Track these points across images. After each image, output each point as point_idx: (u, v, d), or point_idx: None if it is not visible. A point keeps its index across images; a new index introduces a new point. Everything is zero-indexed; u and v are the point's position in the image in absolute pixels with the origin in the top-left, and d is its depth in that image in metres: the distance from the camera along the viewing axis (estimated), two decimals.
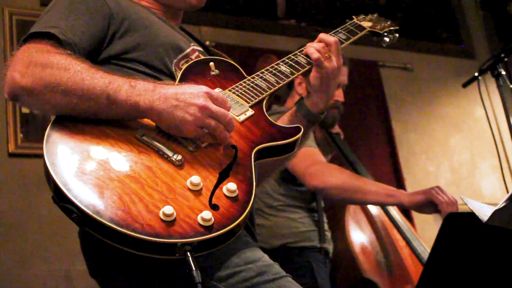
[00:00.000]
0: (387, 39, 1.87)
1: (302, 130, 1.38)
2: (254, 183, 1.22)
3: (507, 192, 2.02)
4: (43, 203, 2.83)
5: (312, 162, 2.43)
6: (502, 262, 1.50)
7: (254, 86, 1.45)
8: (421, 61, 4.51)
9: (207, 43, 3.30)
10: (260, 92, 1.43)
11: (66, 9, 1.38)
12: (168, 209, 1.09)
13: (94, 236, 1.09)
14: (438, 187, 2.31)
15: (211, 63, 1.46)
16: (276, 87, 1.46)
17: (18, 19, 3.21)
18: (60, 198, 1.09)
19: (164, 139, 1.22)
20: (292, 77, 1.50)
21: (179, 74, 1.40)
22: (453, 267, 1.54)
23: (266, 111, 1.42)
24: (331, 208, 2.76)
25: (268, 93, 1.44)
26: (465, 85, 2.85)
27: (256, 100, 1.41)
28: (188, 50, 1.50)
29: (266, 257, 1.31)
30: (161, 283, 1.23)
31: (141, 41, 1.42)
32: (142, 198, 1.11)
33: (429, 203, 2.28)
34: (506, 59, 2.63)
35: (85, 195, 1.08)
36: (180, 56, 1.47)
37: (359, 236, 2.74)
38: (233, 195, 1.17)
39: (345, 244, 2.66)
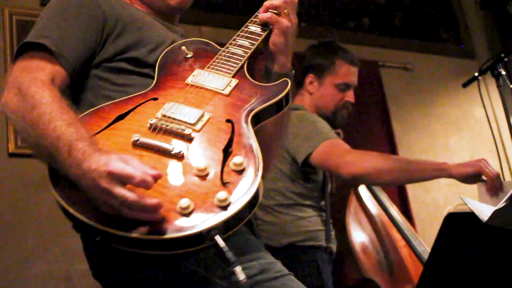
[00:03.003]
0: None
1: (290, 82, 1.37)
2: (259, 150, 1.21)
3: None
4: (43, 203, 2.83)
5: (344, 151, 2.40)
6: (502, 262, 1.50)
7: (231, 55, 1.44)
8: (421, 61, 4.51)
9: None
10: (238, 59, 1.43)
11: (59, 16, 1.39)
12: (184, 202, 1.09)
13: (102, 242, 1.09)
14: (484, 160, 2.31)
15: (183, 47, 1.46)
16: (252, 49, 1.45)
17: (18, 19, 3.21)
18: (81, 227, 1.10)
19: (159, 136, 1.21)
20: (264, 33, 1.48)
21: (156, 69, 1.41)
22: (453, 267, 1.54)
23: (249, 74, 1.41)
24: (332, 208, 2.76)
25: (246, 57, 1.43)
26: (465, 85, 2.86)
27: (236, 68, 1.40)
28: None
29: (269, 255, 1.31)
30: (167, 284, 1.22)
31: (133, 42, 1.43)
32: None
33: (476, 175, 2.28)
34: (506, 59, 2.63)
35: (104, 217, 1.08)
36: None
37: (359, 235, 2.74)
38: (241, 167, 1.16)
39: (346, 243, 2.66)
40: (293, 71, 1.53)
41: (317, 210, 2.55)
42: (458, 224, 1.53)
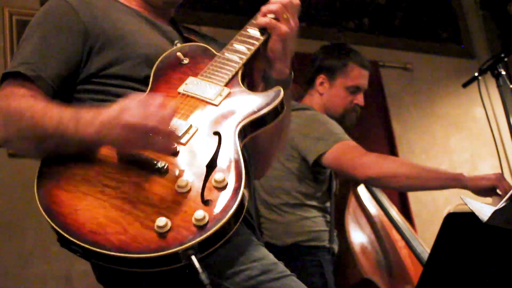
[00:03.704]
0: None
1: (282, 90, 1.33)
2: (243, 165, 1.18)
3: None
4: None
5: (360, 153, 2.40)
6: (502, 262, 1.50)
7: (225, 61, 1.40)
8: (421, 61, 4.51)
9: None
10: (232, 66, 1.38)
11: (39, 36, 1.38)
12: (160, 221, 1.08)
13: None
14: (501, 174, 2.30)
15: (178, 53, 1.42)
16: (249, 55, 1.41)
17: (18, 19, 3.21)
18: (63, 241, 1.11)
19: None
20: (263, 38, 1.43)
21: (151, 76, 1.38)
22: (453, 267, 1.54)
23: (244, 82, 1.38)
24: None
25: (241, 64, 1.39)
26: (465, 85, 2.85)
27: (230, 76, 1.36)
28: None
29: (271, 256, 1.30)
30: (170, 286, 1.23)
31: (119, 55, 1.39)
32: (137, 217, 1.10)
33: (491, 188, 2.27)
34: (506, 59, 2.63)
35: (82, 231, 1.09)
36: None
37: (359, 236, 2.74)
38: (223, 184, 1.13)
39: (345, 244, 2.66)
40: (292, 75, 1.50)
41: (321, 211, 2.55)
42: (458, 224, 1.53)
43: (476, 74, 2.71)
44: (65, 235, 1.09)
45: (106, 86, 1.37)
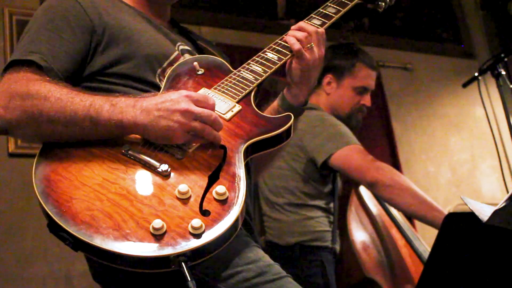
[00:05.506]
0: (382, 3, 1.77)
1: (293, 117, 1.35)
2: (245, 182, 1.19)
3: (507, 192, 2.02)
4: None
5: (372, 159, 2.41)
6: (502, 262, 1.50)
7: (241, 79, 1.41)
8: (421, 61, 4.51)
9: None
10: (246, 85, 1.39)
11: (47, 28, 1.36)
12: (157, 223, 1.08)
13: None
14: None
15: (195, 63, 1.43)
16: (264, 76, 1.42)
17: (18, 19, 3.21)
18: (54, 226, 1.10)
19: (150, 151, 1.21)
20: (280, 63, 1.45)
21: (163, 81, 1.38)
22: (453, 267, 1.54)
23: (255, 102, 1.39)
24: None
25: (255, 84, 1.40)
26: (465, 85, 2.86)
27: (243, 94, 1.37)
28: (174, 55, 1.46)
29: (266, 257, 1.31)
30: (163, 285, 1.22)
31: (123, 54, 1.39)
32: (132, 215, 1.10)
33: None
34: (506, 59, 2.63)
35: (76, 220, 1.08)
36: (165, 64, 1.43)
37: (360, 235, 2.74)
38: (223, 197, 1.14)
39: (346, 243, 2.66)
40: (307, 103, 1.53)
41: (325, 211, 2.55)
42: (458, 224, 1.53)
43: (476, 74, 2.72)
44: (56, 220, 1.09)
45: (109, 84, 1.37)
